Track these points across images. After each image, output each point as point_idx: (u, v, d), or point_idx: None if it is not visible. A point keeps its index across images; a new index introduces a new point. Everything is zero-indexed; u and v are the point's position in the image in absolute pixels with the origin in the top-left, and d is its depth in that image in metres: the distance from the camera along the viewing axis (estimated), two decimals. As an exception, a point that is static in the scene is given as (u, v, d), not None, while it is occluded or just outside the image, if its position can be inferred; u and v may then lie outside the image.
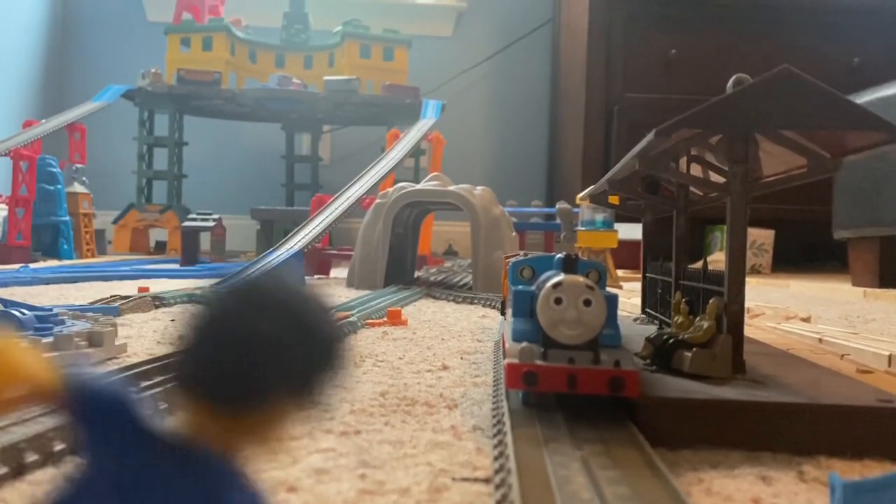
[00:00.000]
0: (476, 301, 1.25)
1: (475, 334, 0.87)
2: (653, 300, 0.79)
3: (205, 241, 2.20)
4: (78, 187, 2.48)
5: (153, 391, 0.47)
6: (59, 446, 0.37)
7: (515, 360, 0.41)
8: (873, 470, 0.39)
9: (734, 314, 0.50)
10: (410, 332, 0.88)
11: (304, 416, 0.19)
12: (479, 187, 1.54)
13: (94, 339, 0.64)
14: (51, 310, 0.73)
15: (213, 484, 0.18)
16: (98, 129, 2.87)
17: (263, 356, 0.18)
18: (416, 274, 1.82)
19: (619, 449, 0.36)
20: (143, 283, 1.45)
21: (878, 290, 1.69)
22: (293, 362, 0.18)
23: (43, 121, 2.37)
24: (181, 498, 0.18)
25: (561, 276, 0.42)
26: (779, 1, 2.70)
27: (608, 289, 0.47)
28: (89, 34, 3.32)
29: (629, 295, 1.37)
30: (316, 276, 1.83)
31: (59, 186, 2.27)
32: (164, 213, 2.70)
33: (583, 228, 1.82)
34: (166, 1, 3.13)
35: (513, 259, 0.60)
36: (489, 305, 1.20)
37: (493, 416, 0.45)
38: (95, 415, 0.18)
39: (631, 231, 1.85)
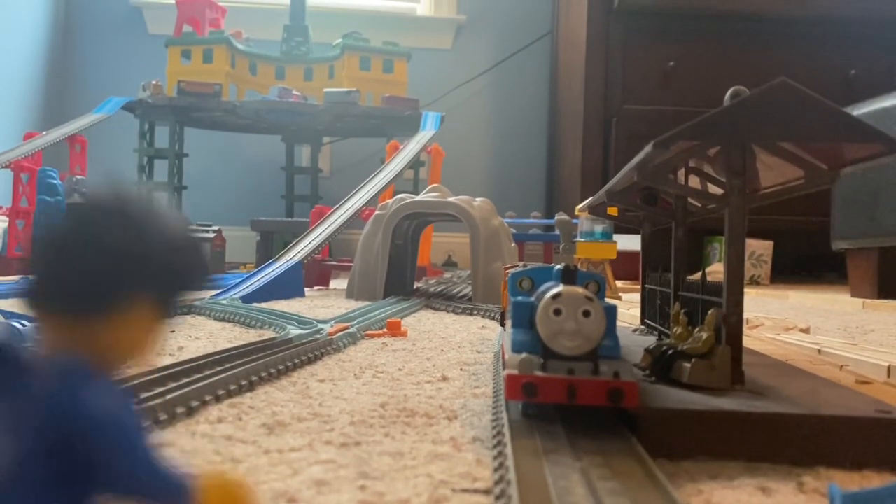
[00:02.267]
0: (475, 312, 1.25)
1: (475, 345, 0.87)
2: (652, 311, 0.79)
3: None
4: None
5: (154, 402, 0.47)
6: None
7: (515, 371, 0.41)
8: (872, 481, 0.39)
9: (733, 325, 0.50)
10: (410, 343, 0.88)
11: (166, 325, 0.21)
12: (478, 198, 1.55)
13: (93, 351, 0.64)
14: (51, 321, 0.73)
15: (72, 383, 0.18)
16: (99, 140, 2.88)
17: (106, 261, 0.19)
18: (416, 285, 1.82)
19: (618, 460, 0.36)
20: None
21: (876, 301, 1.69)
22: (138, 267, 0.19)
23: (44, 133, 2.38)
24: (36, 401, 0.18)
25: (560, 288, 0.42)
26: (776, 14, 2.71)
27: (607, 300, 0.47)
28: (90, 47, 3.33)
29: (628, 306, 1.37)
30: (316, 287, 1.83)
31: (60, 198, 2.27)
32: (164, 224, 2.70)
33: (582, 239, 1.82)
34: (167, 14, 3.14)
35: (512, 270, 0.60)
36: (488, 316, 1.20)
37: (493, 428, 0.45)
38: None
39: (630, 242, 1.85)
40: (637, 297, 0.88)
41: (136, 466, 0.19)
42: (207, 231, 2.15)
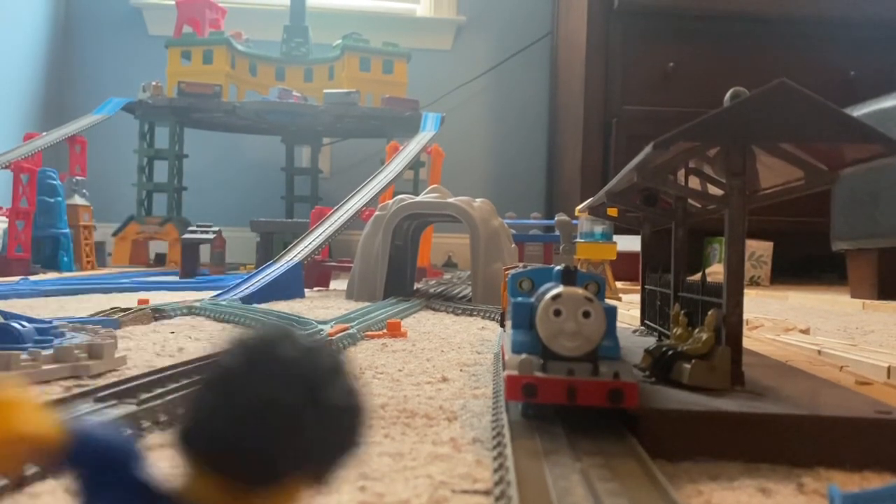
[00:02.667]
0: (475, 313, 1.25)
1: (474, 346, 0.87)
2: (652, 312, 0.79)
3: (204, 254, 2.20)
4: (78, 200, 2.48)
5: (153, 403, 0.47)
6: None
7: (515, 372, 0.41)
8: (872, 482, 0.39)
9: (733, 326, 0.50)
10: (410, 344, 0.88)
11: (314, 494, 0.18)
12: (478, 199, 1.55)
13: (93, 352, 0.64)
14: (51, 322, 0.73)
15: None
16: (99, 141, 2.88)
17: (280, 430, 0.16)
18: (416, 286, 1.82)
19: (618, 461, 0.36)
20: (142, 295, 1.45)
21: (876, 302, 1.69)
22: (310, 439, 0.17)
23: (44, 133, 2.38)
24: None
25: (560, 288, 0.42)
26: (776, 15, 2.71)
27: (607, 301, 0.47)
28: (90, 48, 3.34)
29: (628, 307, 1.37)
30: (316, 288, 1.83)
31: (60, 199, 2.28)
32: (164, 225, 2.70)
33: (582, 240, 1.82)
34: (167, 14, 3.15)
35: (512, 271, 0.60)
36: (488, 317, 1.20)
37: (493, 428, 0.45)
38: (94, 464, 0.17)
39: (630, 243, 1.85)
40: (637, 297, 0.88)
41: None
42: (207, 232, 2.15)
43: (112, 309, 1.03)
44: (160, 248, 2.83)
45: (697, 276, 0.60)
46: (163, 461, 0.39)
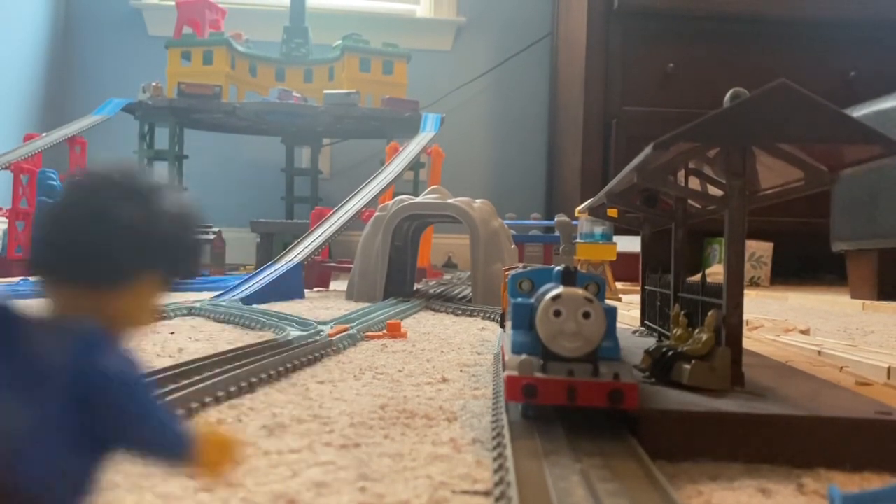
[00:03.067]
0: (475, 313, 1.25)
1: (474, 347, 0.87)
2: (652, 312, 0.79)
3: (204, 254, 2.20)
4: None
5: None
6: None
7: (515, 373, 0.41)
8: (872, 482, 0.39)
9: (733, 326, 0.50)
10: (410, 344, 0.88)
11: (166, 295, 0.21)
12: (478, 200, 1.55)
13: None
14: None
15: (91, 348, 0.19)
16: (99, 142, 2.88)
17: (113, 233, 0.20)
18: (416, 286, 1.82)
19: (618, 461, 0.36)
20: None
21: (876, 303, 1.69)
22: (144, 240, 0.20)
23: (44, 134, 2.38)
24: (56, 361, 0.19)
25: (560, 289, 0.42)
26: (776, 15, 2.71)
27: (607, 301, 0.47)
28: (90, 48, 3.34)
29: (628, 307, 1.37)
30: (316, 289, 1.83)
31: (60, 199, 2.27)
32: (164, 225, 2.70)
33: (582, 241, 1.82)
34: (167, 15, 3.15)
35: (512, 271, 0.60)
36: (488, 318, 1.20)
37: (493, 429, 0.45)
38: None
39: (630, 244, 1.85)
40: (637, 298, 0.88)
41: (148, 420, 0.20)
42: (207, 232, 2.15)
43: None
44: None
45: (697, 277, 0.60)
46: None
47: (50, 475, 0.19)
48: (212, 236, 2.14)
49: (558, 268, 0.46)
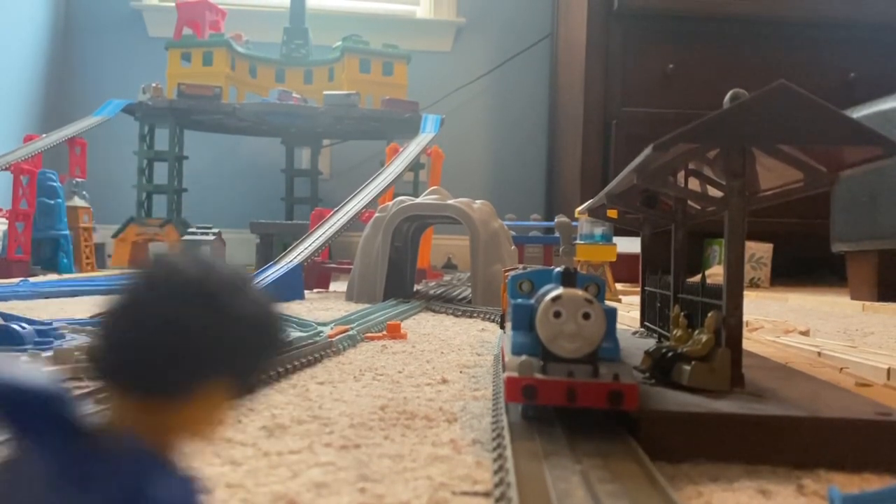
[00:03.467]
0: (475, 314, 1.25)
1: (474, 348, 0.87)
2: (651, 313, 0.79)
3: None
4: (78, 201, 2.48)
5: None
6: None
7: (515, 374, 0.41)
8: (872, 483, 0.39)
9: (733, 327, 0.50)
10: (410, 345, 0.88)
11: (237, 405, 0.19)
12: (478, 201, 1.55)
13: (93, 353, 0.64)
14: (50, 324, 0.73)
15: (139, 474, 0.18)
16: (99, 143, 2.88)
17: (185, 342, 0.18)
18: (416, 287, 1.82)
19: (618, 462, 0.36)
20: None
21: (876, 304, 1.69)
22: (218, 349, 0.18)
23: (44, 135, 2.38)
24: (106, 489, 0.17)
25: (560, 290, 0.42)
26: (776, 16, 2.71)
27: (607, 302, 0.47)
28: (90, 49, 3.34)
29: (628, 308, 1.37)
30: (315, 290, 1.83)
31: (60, 200, 2.28)
32: (164, 226, 2.70)
33: (581, 242, 1.82)
34: (167, 16, 3.15)
35: (512, 272, 0.60)
36: (488, 319, 1.20)
37: (493, 430, 0.45)
38: (26, 410, 0.17)
39: (629, 245, 1.85)
40: (637, 299, 0.88)
41: None
42: (207, 233, 2.15)
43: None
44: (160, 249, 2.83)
45: (697, 278, 0.60)
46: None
47: None
48: (212, 237, 2.14)
49: (558, 269, 0.46)
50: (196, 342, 0.18)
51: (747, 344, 0.60)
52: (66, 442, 0.17)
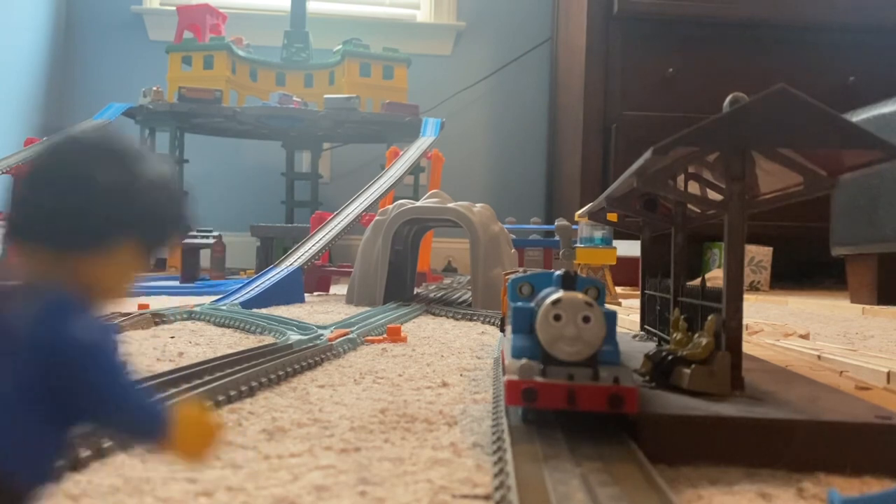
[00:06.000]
0: (475, 318, 1.25)
1: (475, 351, 0.87)
2: (651, 317, 0.79)
3: (205, 259, 2.20)
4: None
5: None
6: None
7: (515, 377, 0.41)
8: (872, 486, 0.39)
9: (732, 331, 0.50)
10: (410, 348, 0.88)
11: (146, 261, 0.21)
12: (478, 204, 1.55)
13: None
14: None
15: (59, 317, 0.19)
16: (99, 146, 2.88)
17: (94, 197, 0.19)
18: (416, 290, 1.82)
19: (618, 465, 0.36)
20: (142, 300, 1.45)
21: (876, 307, 1.69)
22: (125, 205, 0.20)
23: (44, 138, 2.38)
24: (22, 329, 0.18)
25: (560, 293, 0.42)
26: (775, 20, 2.72)
27: (607, 305, 0.47)
28: (91, 53, 3.34)
29: (628, 312, 1.37)
30: (316, 293, 1.83)
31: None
32: (164, 229, 2.70)
33: (581, 245, 1.82)
34: (167, 20, 3.15)
35: (512, 276, 0.60)
36: (488, 322, 1.20)
37: (493, 433, 0.45)
38: None
39: (629, 248, 1.85)
40: (637, 302, 0.89)
41: (118, 395, 0.19)
42: (208, 237, 2.15)
43: (112, 313, 1.03)
44: (160, 252, 2.83)
45: (697, 281, 0.60)
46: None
47: (17, 449, 0.18)
48: (212, 240, 2.14)
49: (558, 272, 0.46)
50: (102, 197, 0.19)
51: (747, 347, 0.60)
52: None
